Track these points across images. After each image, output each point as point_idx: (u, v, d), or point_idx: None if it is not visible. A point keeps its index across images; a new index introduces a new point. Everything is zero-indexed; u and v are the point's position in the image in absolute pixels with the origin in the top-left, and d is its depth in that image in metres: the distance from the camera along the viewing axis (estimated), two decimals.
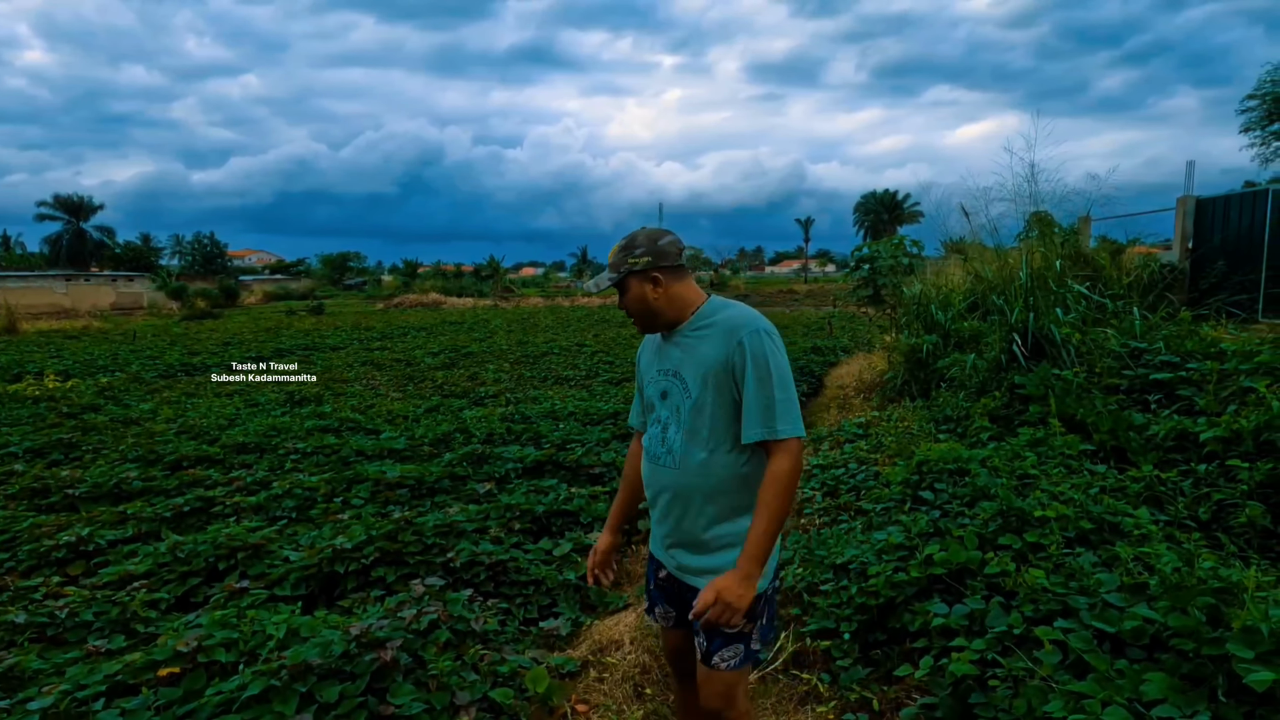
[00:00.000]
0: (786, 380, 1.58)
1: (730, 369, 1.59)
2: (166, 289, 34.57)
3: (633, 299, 1.69)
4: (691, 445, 1.64)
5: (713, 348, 1.63)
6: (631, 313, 1.72)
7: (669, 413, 1.70)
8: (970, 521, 2.74)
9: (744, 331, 1.60)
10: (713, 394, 1.61)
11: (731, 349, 1.59)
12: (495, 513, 4.01)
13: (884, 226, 63.75)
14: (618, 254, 1.71)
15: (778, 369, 1.57)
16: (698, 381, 1.63)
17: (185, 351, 14.58)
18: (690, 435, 1.64)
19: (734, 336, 1.60)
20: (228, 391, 9.30)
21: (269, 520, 4.19)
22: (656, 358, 1.78)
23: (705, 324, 1.68)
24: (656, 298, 1.68)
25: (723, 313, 1.68)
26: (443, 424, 6.35)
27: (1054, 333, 4.44)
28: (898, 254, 8.77)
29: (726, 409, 1.61)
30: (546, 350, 13.46)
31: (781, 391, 1.56)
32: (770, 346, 1.59)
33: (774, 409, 1.54)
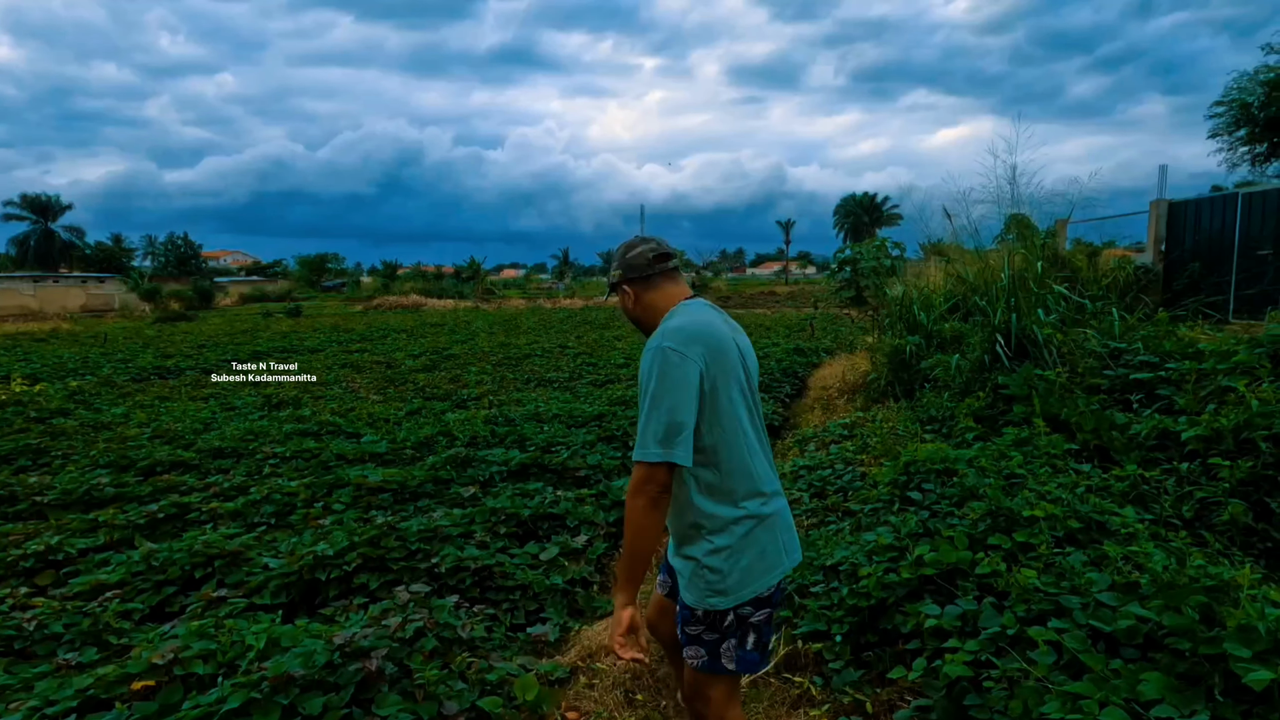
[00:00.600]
0: (661, 397, 1.54)
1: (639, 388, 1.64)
2: (139, 290, 33.84)
3: (622, 307, 1.82)
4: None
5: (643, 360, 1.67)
6: (628, 316, 1.83)
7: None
8: (959, 522, 2.74)
9: (647, 350, 1.63)
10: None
11: (642, 364, 1.63)
12: (480, 517, 3.95)
13: (864, 229, 64.41)
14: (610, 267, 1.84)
15: (652, 389, 1.55)
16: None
17: (158, 354, 14.28)
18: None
19: (646, 352, 1.63)
20: (203, 395, 9.10)
21: (247, 527, 4.09)
22: None
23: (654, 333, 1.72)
24: (632, 308, 1.78)
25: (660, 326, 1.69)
26: (425, 427, 6.26)
27: (1036, 333, 4.48)
28: (880, 255, 8.83)
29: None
30: (529, 352, 13.37)
31: (655, 413, 1.54)
32: (658, 365, 1.57)
33: (642, 433, 1.55)
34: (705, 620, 1.64)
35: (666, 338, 1.59)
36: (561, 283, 53.57)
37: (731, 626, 1.64)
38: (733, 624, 1.64)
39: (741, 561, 1.61)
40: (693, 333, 1.60)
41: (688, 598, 1.67)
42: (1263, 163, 23.89)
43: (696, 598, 1.65)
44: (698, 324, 1.63)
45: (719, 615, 1.63)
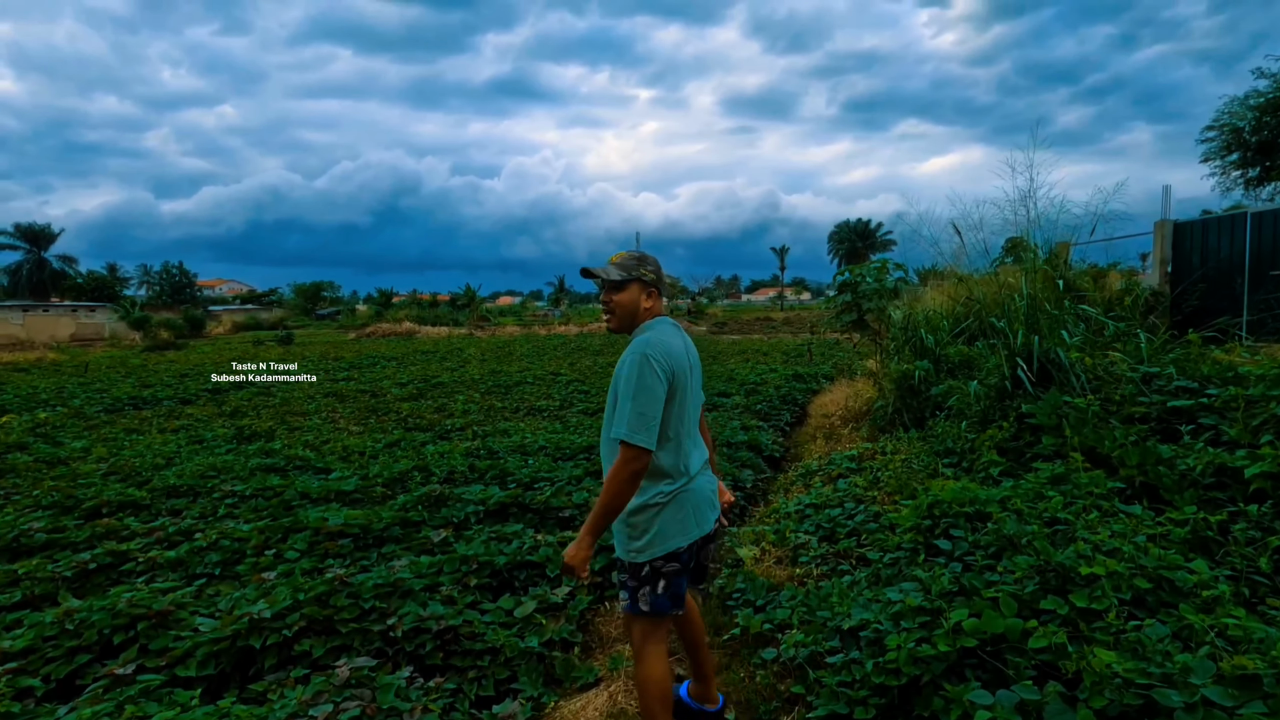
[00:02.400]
0: (639, 394, 1.92)
1: (617, 377, 2.03)
2: (128, 319, 33.42)
3: (628, 299, 2.10)
4: (604, 435, 2.10)
5: (624, 355, 2.03)
6: (619, 309, 2.11)
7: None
8: (1000, 578, 2.33)
9: (629, 351, 2.00)
10: (611, 397, 2.05)
11: (623, 359, 2.00)
12: (449, 566, 3.51)
13: (858, 254, 64.65)
14: (630, 260, 2.12)
15: (634, 383, 1.93)
16: (611, 385, 2.07)
17: (138, 384, 13.83)
18: (604, 428, 2.10)
19: (630, 351, 2.00)
20: (174, 427, 8.65)
21: (187, 578, 3.65)
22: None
23: (633, 338, 2.10)
24: (645, 308, 2.11)
25: (640, 334, 2.10)
26: (401, 461, 5.83)
27: (1061, 357, 4.11)
28: (881, 277, 8.50)
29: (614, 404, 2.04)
30: (520, 380, 12.96)
31: (628, 402, 1.92)
32: (640, 368, 1.94)
33: (624, 416, 1.92)
34: (628, 569, 2.08)
35: (649, 348, 1.98)
36: (557, 310, 53.34)
37: (648, 575, 2.05)
38: (649, 574, 2.05)
39: (655, 526, 2.02)
40: (666, 350, 2.01)
41: (616, 549, 2.13)
42: (1256, 186, 23.86)
43: (621, 549, 2.10)
44: (669, 344, 2.04)
45: (637, 566, 2.06)
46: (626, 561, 2.07)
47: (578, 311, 50.46)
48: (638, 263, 2.10)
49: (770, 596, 3.09)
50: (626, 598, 2.07)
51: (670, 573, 2.04)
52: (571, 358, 17.87)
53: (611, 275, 2.08)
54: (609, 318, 2.13)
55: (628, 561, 2.06)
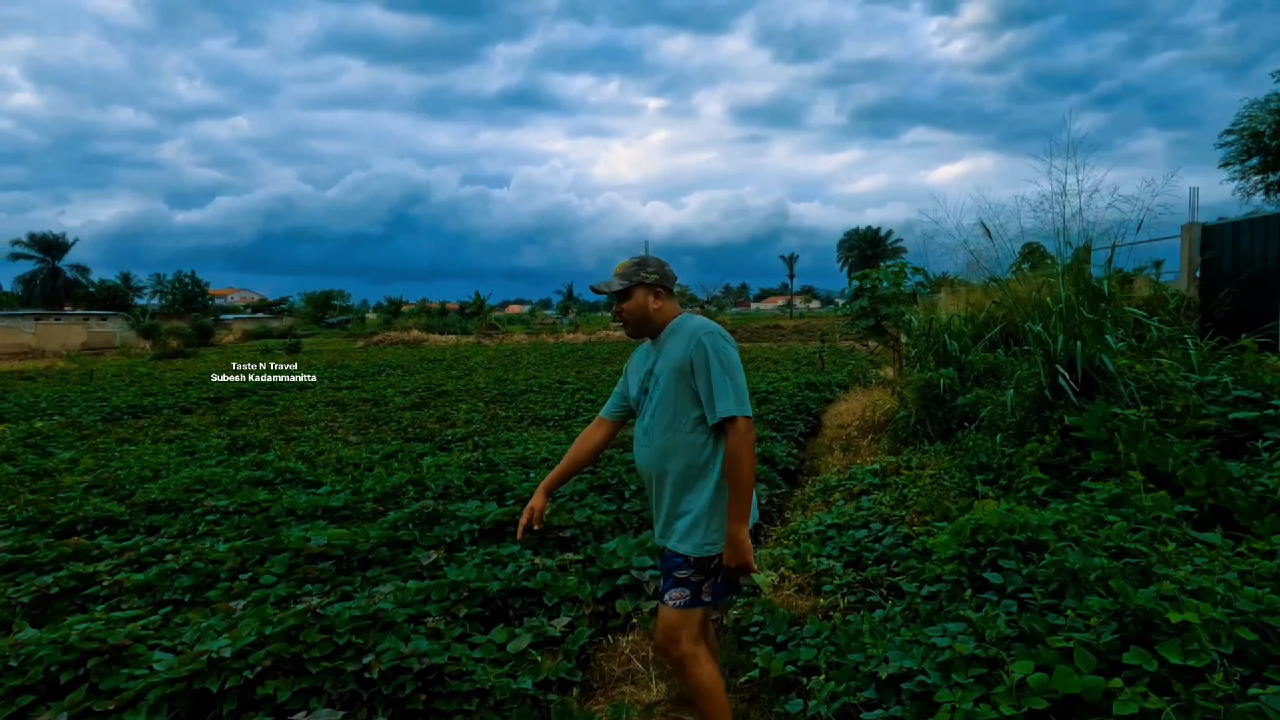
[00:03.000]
0: (731, 369, 1.93)
1: (690, 366, 1.96)
2: (138, 328, 33.49)
3: (635, 305, 2.08)
4: (660, 426, 2.02)
5: (678, 349, 2.01)
6: (628, 317, 2.10)
7: (649, 404, 2.07)
8: (1067, 622, 1.99)
9: (701, 333, 1.97)
10: (676, 385, 1.99)
11: (691, 349, 1.96)
12: (437, 593, 3.20)
13: (868, 262, 64.20)
14: (630, 267, 2.10)
15: (723, 359, 1.93)
16: (667, 377, 2.01)
17: (140, 392, 13.67)
18: (660, 419, 2.02)
19: (693, 339, 1.97)
20: (168, 437, 8.41)
21: (154, 605, 3.35)
22: (643, 364, 2.16)
23: (672, 331, 2.09)
24: (655, 309, 2.08)
25: (686, 324, 2.08)
26: (396, 474, 5.54)
27: (1106, 364, 3.77)
28: (899, 281, 8.16)
29: (686, 396, 1.98)
30: (526, 388, 12.68)
31: (731, 379, 1.91)
32: (721, 344, 1.96)
33: (728, 392, 1.89)
34: (695, 565, 1.99)
35: (709, 329, 1.99)
36: (565, 318, 53.17)
37: (716, 566, 1.99)
38: (716, 566, 1.99)
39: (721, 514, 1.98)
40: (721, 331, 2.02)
41: (683, 547, 1.99)
42: (1277, 191, 23.29)
43: (695, 545, 1.98)
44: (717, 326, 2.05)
45: (708, 560, 1.98)
46: (696, 558, 1.98)
47: (586, 319, 50.28)
48: (637, 267, 2.10)
49: (792, 632, 2.76)
50: (687, 594, 1.98)
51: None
52: (579, 365, 17.58)
53: (613, 286, 2.09)
54: (623, 326, 2.14)
55: (699, 557, 1.98)
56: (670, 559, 2.02)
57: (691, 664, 2.00)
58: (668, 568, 2.03)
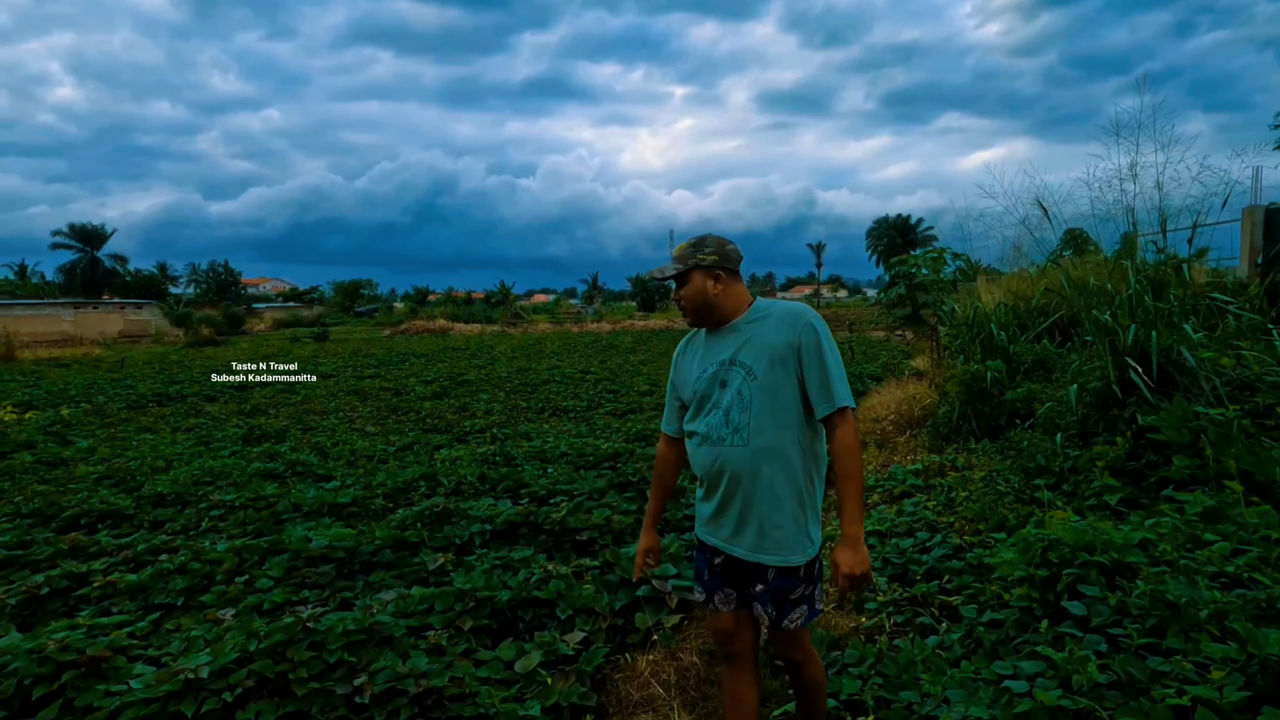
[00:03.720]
0: (837, 355, 1.80)
1: (797, 351, 1.78)
2: (171, 316, 34.12)
3: (694, 290, 1.86)
4: (759, 422, 1.77)
5: (778, 334, 1.80)
6: (688, 304, 1.88)
7: (732, 397, 1.81)
8: (1173, 668, 1.65)
9: (808, 317, 1.81)
10: (779, 375, 1.77)
11: (798, 333, 1.78)
12: (442, 603, 2.95)
13: (898, 250, 62.91)
14: (686, 249, 1.90)
15: (830, 343, 1.79)
16: (763, 365, 1.78)
17: (168, 380, 13.76)
18: (757, 413, 1.77)
19: (799, 322, 1.80)
20: (188, 426, 8.35)
21: (145, 609, 3.16)
22: (703, 355, 1.91)
23: (761, 316, 1.87)
24: (716, 293, 1.86)
25: (776, 306, 1.89)
26: (410, 468, 5.32)
27: (1186, 356, 3.36)
28: (938, 267, 7.71)
29: (791, 388, 1.78)
30: (548, 378, 12.46)
31: (841, 368, 1.78)
32: (826, 330, 1.81)
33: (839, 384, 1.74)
34: (807, 574, 1.81)
35: (813, 312, 1.83)
36: (590, 307, 53.01)
37: (820, 567, 1.87)
38: (819, 564, 1.86)
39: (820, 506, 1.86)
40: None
41: (794, 559, 1.77)
42: None
43: (802, 554, 1.78)
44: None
45: (815, 561, 1.83)
46: (804, 564, 1.79)
47: (611, 309, 50.07)
48: (693, 249, 1.88)
49: (833, 657, 2.45)
50: (805, 611, 1.82)
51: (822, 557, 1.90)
52: (602, 355, 17.34)
53: (667, 272, 1.88)
54: (684, 314, 1.92)
55: (808, 563, 1.80)
56: (779, 583, 1.77)
57: (811, 665, 1.91)
58: (778, 591, 1.78)
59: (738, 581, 1.88)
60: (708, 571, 1.92)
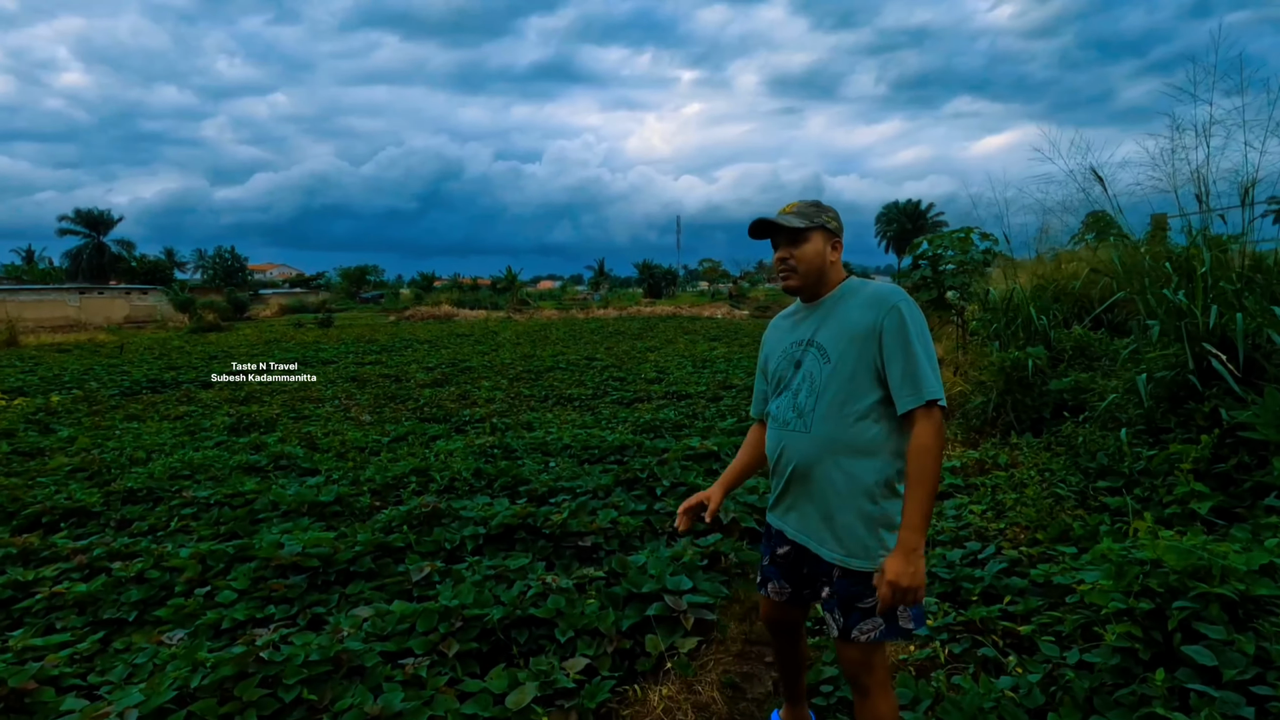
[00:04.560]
0: (930, 344, 1.59)
1: (878, 336, 1.59)
2: (175, 301, 33.92)
3: (812, 251, 1.71)
4: (826, 409, 1.64)
5: (860, 315, 1.63)
6: (802, 264, 1.71)
7: (802, 379, 1.71)
8: None
9: (896, 299, 1.60)
10: (854, 360, 1.61)
11: (882, 316, 1.59)
12: (424, 622, 2.58)
13: (908, 236, 62.02)
14: (809, 207, 1.74)
15: (927, 336, 1.58)
16: (839, 348, 1.64)
17: (166, 365, 13.46)
18: (825, 400, 1.64)
19: (885, 304, 1.60)
20: (177, 414, 8.01)
21: (91, 625, 2.81)
22: (790, 333, 1.80)
23: (850, 293, 1.70)
24: (832, 261, 1.73)
25: (867, 286, 1.70)
26: (402, 461, 4.95)
27: (1277, 342, 2.93)
28: (966, 248, 7.25)
29: (867, 375, 1.60)
30: (553, 365, 12.07)
31: (931, 359, 1.56)
32: (919, 315, 1.60)
33: (927, 376, 1.53)
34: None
35: (903, 294, 1.63)
36: (597, 293, 52.54)
37: None
38: None
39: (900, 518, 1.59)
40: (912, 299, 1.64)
41: (856, 563, 1.61)
42: None
43: (867, 558, 1.60)
44: None
45: None
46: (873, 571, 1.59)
47: (617, 295, 49.64)
48: (817, 209, 1.73)
49: None
50: (881, 623, 1.59)
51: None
52: (608, 342, 16.94)
53: (792, 223, 1.69)
54: (788, 276, 1.73)
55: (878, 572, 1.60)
56: (844, 586, 1.60)
57: (881, 697, 1.64)
58: (845, 597, 1.61)
59: (797, 579, 1.80)
60: (769, 558, 1.87)
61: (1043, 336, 5.07)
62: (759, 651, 2.69)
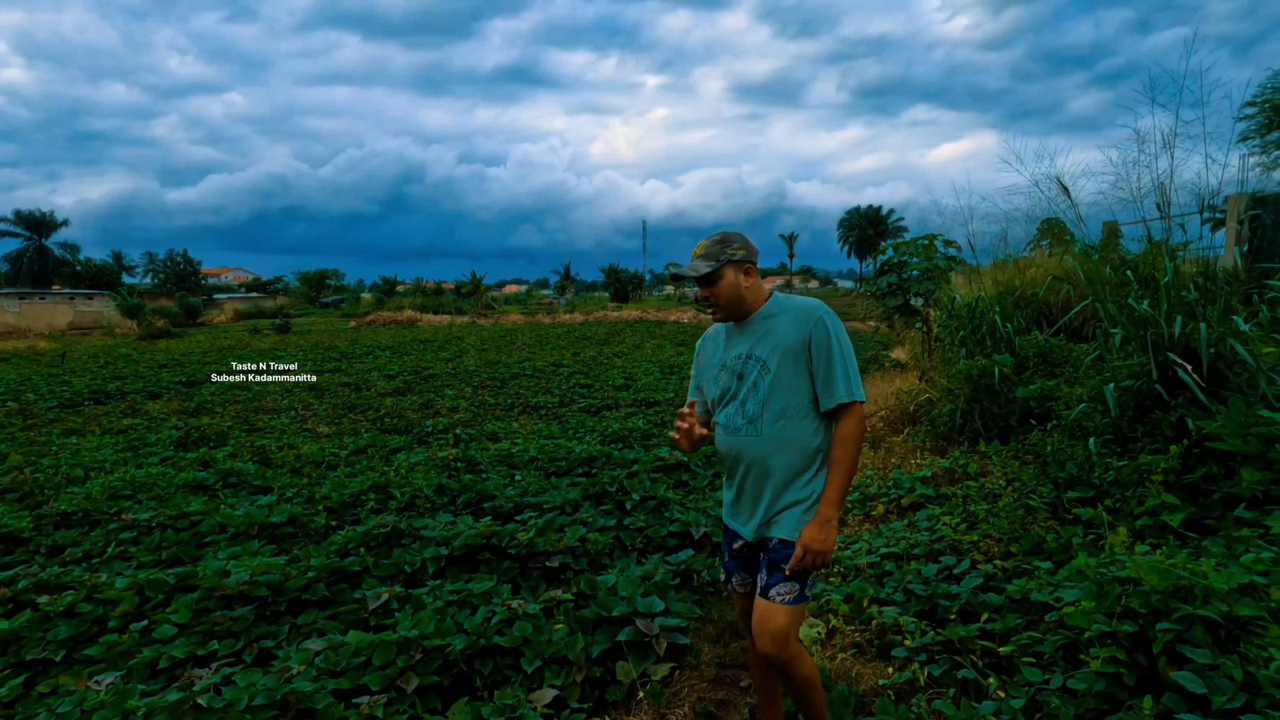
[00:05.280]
0: (847, 350, 1.84)
1: (806, 346, 1.83)
2: (122, 307, 32.58)
3: (727, 285, 1.90)
4: (773, 414, 1.85)
5: (792, 329, 1.86)
6: (721, 299, 1.92)
7: (749, 389, 1.89)
8: None
9: (819, 313, 1.86)
10: (791, 369, 1.84)
11: (810, 329, 1.83)
12: (381, 655, 2.42)
13: (869, 241, 63.17)
14: (714, 246, 1.92)
15: (842, 339, 1.84)
16: (776, 360, 1.85)
17: (111, 375, 12.86)
18: (771, 406, 1.85)
19: (810, 318, 1.85)
20: (120, 427, 7.62)
21: (13, 667, 2.58)
22: (725, 348, 1.98)
23: (777, 311, 1.92)
24: (748, 287, 1.92)
25: (792, 302, 1.93)
26: (360, 477, 4.75)
27: (1240, 352, 2.97)
28: (930, 255, 7.33)
29: (802, 381, 1.84)
30: (519, 372, 11.89)
31: (851, 363, 1.83)
32: (839, 325, 1.86)
33: (851, 376, 1.81)
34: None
35: (825, 308, 1.89)
36: (563, 298, 52.24)
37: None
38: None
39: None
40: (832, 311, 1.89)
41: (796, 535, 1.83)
42: None
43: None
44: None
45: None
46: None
47: (583, 299, 49.40)
48: (720, 245, 1.92)
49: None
50: (796, 587, 1.81)
51: None
52: (575, 347, 16.78)
53: (700, 270, 1.90)
54: (714, 312, 1.96)
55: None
56: (778, 551, 1.83)
57: (799, 662, 1.85)
58: (774, 558, 1.84)
59: (753, 567, 1.96)
60: (728, 554, 2.04)
61: (1008, 343, 5.11)
62: (734, 676, 2.60)
